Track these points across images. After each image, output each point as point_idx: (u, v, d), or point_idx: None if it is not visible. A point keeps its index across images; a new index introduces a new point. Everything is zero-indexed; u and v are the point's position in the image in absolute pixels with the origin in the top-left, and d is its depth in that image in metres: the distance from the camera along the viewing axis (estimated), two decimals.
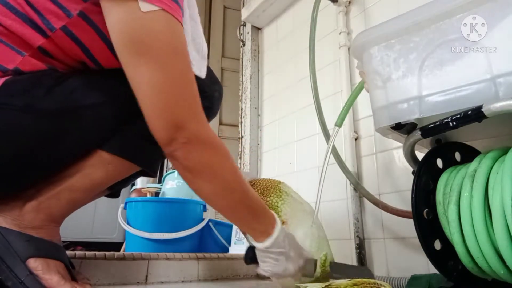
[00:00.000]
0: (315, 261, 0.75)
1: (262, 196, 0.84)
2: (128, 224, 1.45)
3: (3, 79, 0.58)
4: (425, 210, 0.65)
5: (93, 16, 0.59)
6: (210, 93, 0.75)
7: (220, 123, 2.85)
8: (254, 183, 0.89)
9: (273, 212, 0.73)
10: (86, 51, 0.64)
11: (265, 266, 0.70)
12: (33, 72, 0.61)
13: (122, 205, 1.53)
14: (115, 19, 0.55)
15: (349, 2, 1.31)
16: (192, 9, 0.67)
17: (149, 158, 0.71)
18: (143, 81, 0.55)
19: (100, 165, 0.66)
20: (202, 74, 0.66)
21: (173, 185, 1.71)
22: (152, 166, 0.73)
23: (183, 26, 0.58)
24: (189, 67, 0.59)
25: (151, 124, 0.56)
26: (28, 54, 0.60)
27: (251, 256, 0.71)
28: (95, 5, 0.58)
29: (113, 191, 0.79)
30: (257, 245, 0.68)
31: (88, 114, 0.62)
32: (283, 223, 0.81)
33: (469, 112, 0.59)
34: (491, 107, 0.55)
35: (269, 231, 0.68)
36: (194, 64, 0.63)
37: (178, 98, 0.56)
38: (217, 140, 0.62)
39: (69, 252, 0.78)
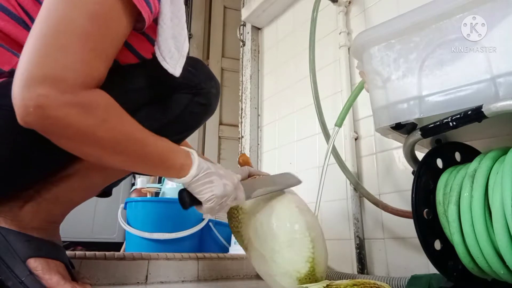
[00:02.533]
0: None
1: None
2: (128, 224, 1.45)
3: None
4: (425, 210, 0.65)
5: None
6: (208, 89, 0.74)
7: (220, 123, 2.85)
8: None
9: (184, 147, 0.67)
10: None
11: (205, 196, 0.64)
12: None
13: (122, 205, 1.53)
14: None
15: (349, 2, 1.31)
16: (177, 7, 0.64)
17: None
18: (36, 22, 0.49)
19: (99, 165, 0.67)
20: (176, 72, 0.62)
21: (173, 185, 1.71)
22: None
23: (139, 8, 0.55)
24: (104, 40, 0.52)
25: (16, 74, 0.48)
26: None
27: (187, 197, 0.66)
28: None
29: (105, 190, 0.79)
30: (184, 180, 0.63)
31: None
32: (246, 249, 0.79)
33: (469, 112, 0.59)
34: (491, 107, 0.55)
35: (187, 162, 0.64)
36: (169, 61, 0.61)
37: (59, 49, 0.48)
38: (98, 100, 0.52)
39: (69, 252, 0.78)
